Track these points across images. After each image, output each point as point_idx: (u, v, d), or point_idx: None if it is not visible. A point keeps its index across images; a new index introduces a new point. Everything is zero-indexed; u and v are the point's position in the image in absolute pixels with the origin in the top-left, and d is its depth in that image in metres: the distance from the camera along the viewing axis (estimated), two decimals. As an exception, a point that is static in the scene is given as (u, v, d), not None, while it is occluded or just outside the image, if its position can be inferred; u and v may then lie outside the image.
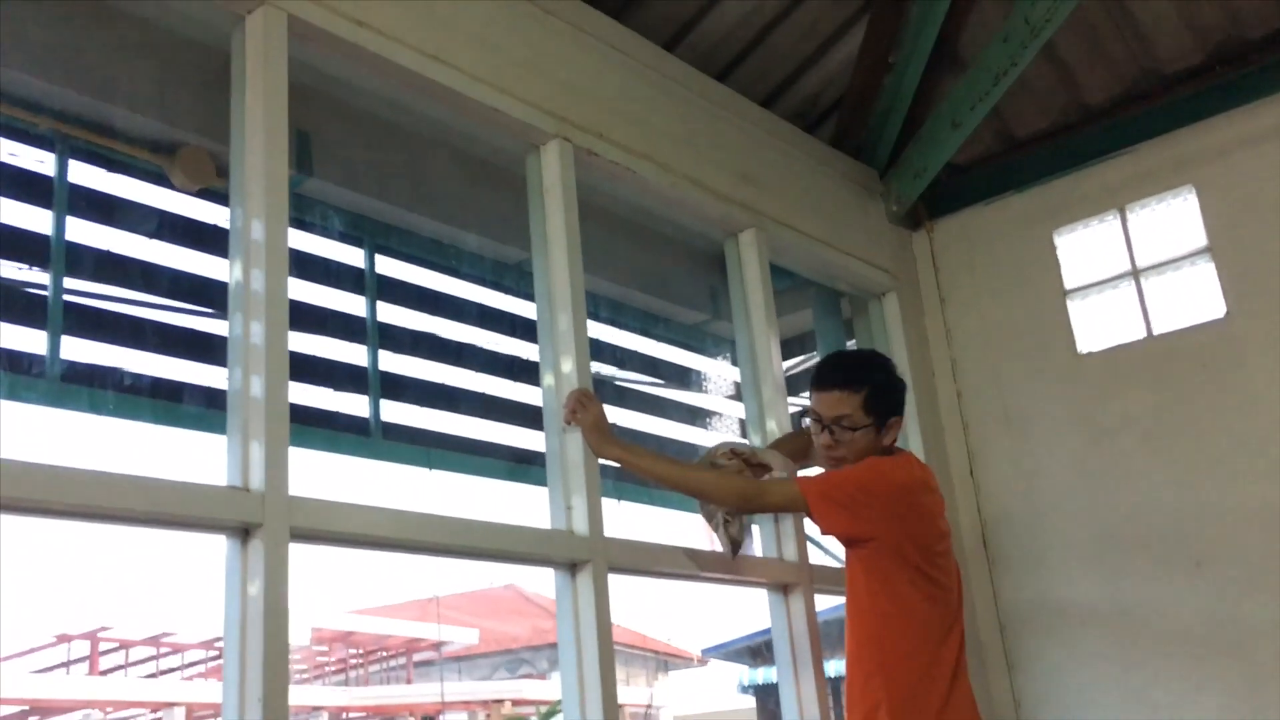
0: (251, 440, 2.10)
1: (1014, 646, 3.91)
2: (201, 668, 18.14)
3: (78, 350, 2.40)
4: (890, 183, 4.23)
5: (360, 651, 19.85)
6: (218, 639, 17.35)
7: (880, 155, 4.22)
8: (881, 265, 4.12)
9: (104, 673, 16.81)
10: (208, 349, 2.52)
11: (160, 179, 2.79)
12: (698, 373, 4.09)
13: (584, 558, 2.62)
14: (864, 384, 2.64)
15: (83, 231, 2.59)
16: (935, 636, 2.53)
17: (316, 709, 17.64)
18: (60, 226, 2.54)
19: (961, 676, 2.53)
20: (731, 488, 2.68)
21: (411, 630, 19.95)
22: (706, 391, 4.11)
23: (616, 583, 2.68)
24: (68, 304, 2.43)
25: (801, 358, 4.43)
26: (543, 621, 24.06)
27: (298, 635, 17.76)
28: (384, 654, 20.24)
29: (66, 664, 16.86)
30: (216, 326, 2.54)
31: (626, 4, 3.48)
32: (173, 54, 2.66)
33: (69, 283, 2.39)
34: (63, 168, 2.60)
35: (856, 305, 4.22)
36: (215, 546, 2.09)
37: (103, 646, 16.52)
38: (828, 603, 3.29)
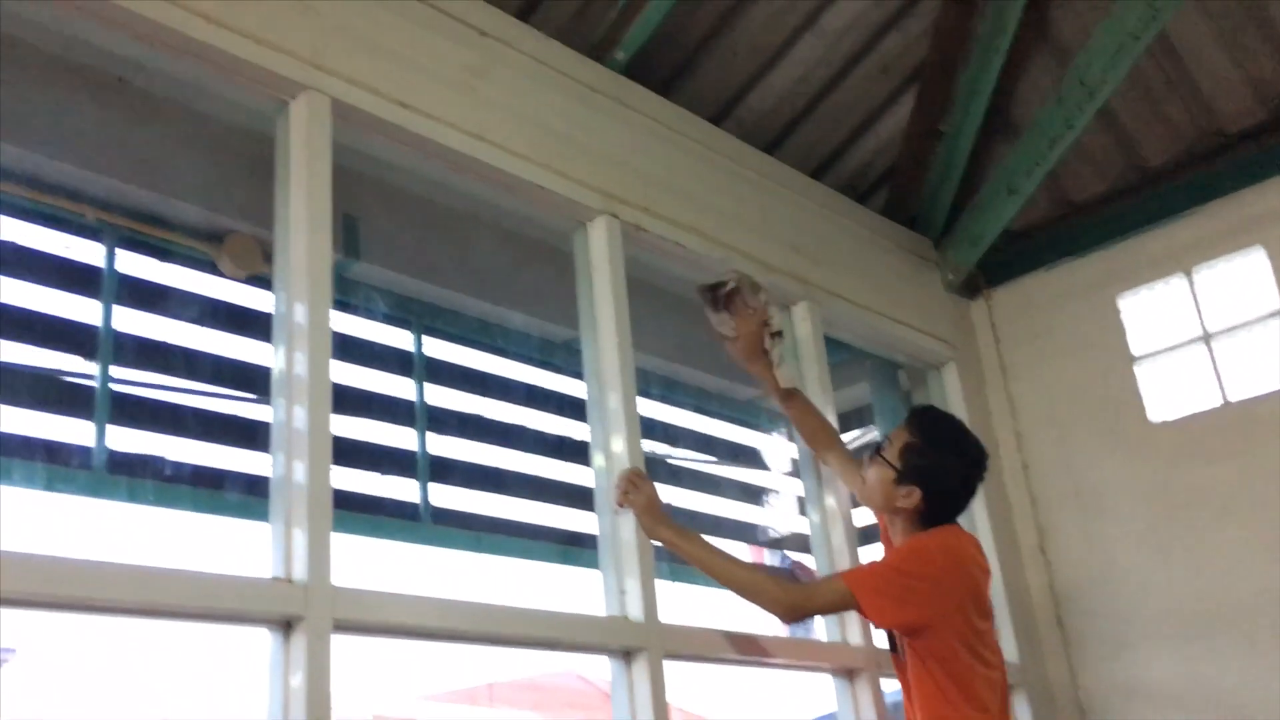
0: (294, 528, 2.05)
1: (1096, 733, 3.72)
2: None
3: (120, 440, 2.38)
4: (945, 251, 4.15)
5: (422, 740, 19.64)
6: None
7: (934, 224, 4.14)
8: (939, 335, 4.02)
9: (166, 763, 16.75)
10: (256, 436, 2.48)
11: (209, 267, 2.80)
12: (754, 449, 4.00)
13: (639, 645, 2.51)
14: (919, 434, 2.56)
15: (131, 321, 2.59)
16: (995, 709, 2.43)
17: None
18: (108, 316, 2.54)
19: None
20: (778, 594, 2.47)
21: (474, 716, 19.71)
22: (765, 468, 4.02)
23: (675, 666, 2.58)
24: (113, 393, 2.41)
25: (859, 431, 4.33)
26: (606, 708, 23.63)
27: (358, 723, 17.62)
28: (446, 742, 20.01)
29: (129, 755, 16.84)
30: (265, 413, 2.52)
31: (672, 79, 3.47)
32: (220, 142, 2.67)
33: (111, 371, 2.37)
34: (111, 258, 2.61)
35: (915, 377, 4.11)
36: (255, 639, 2.04)
37: (165, 737, 16.50)
38: (892, 685, 3.15)
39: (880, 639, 3.17)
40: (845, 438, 4.35)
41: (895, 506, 2.55)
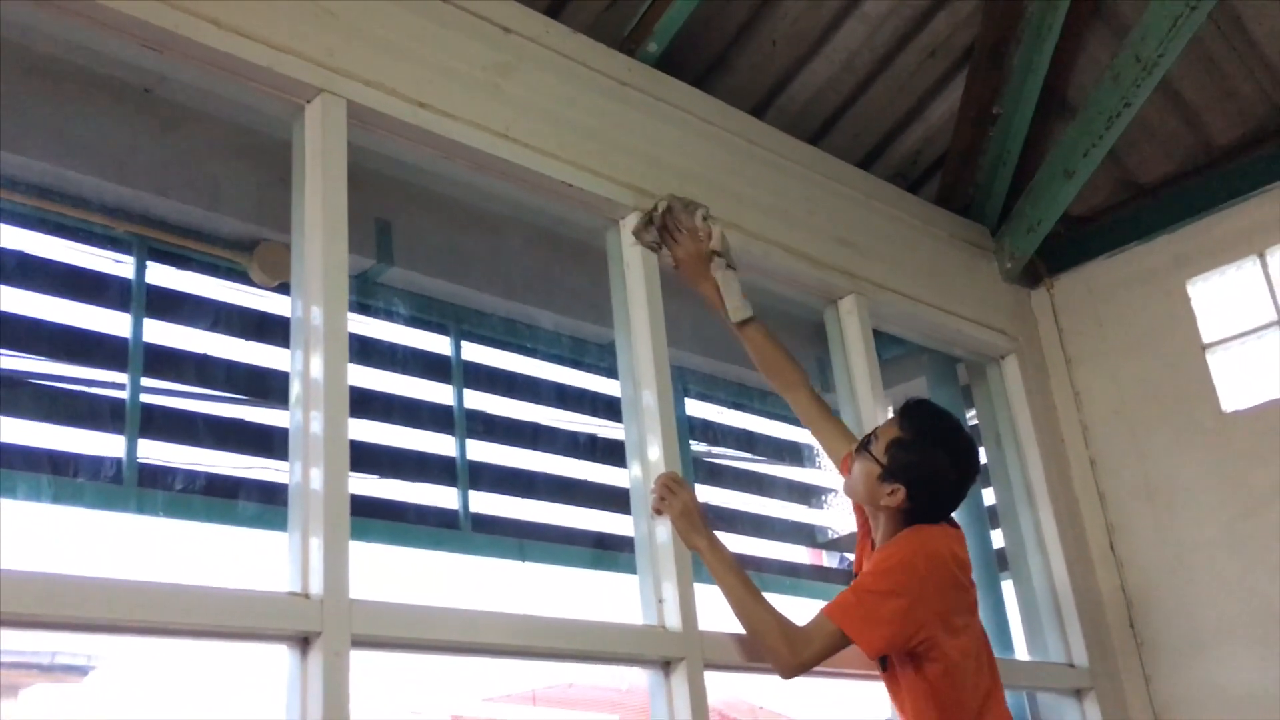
0: (311, 537, 2.00)
1: (1172, 739, 3.54)
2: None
3: (150, 452, 2.37)
4: (1003, 239, 4.00)
5: (500, 741, 19.75)
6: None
7: (990, 211, 3.99)
8: (998, 326, 3.87)
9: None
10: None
11: (241, 276, 2.78)
12: (806, 447, 3.90)
13: (678, 655, 2.42)
14: (907, 429, 2.42)
15: (163, 332, 2.58)
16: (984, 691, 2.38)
17: (460, 800, 17.53)
18: (137, 329, 2.53)
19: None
20: (782, 649, 2.30)
21: (553, 717, 19.75)
22: (819, 468, 3.92)
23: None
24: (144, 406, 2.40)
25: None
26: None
27: (438, 725, 17.76)
28: (523, 743, 20.10)
29: (215, 758, 17.15)
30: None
31: (708, 72, 3.38)
32: (248, 150, 2.65)
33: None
34: (140, 270, 2.60)
35: (974, 371, 3.97)
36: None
37: (249, 740, 16.77)
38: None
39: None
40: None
41: (879, 504, 2.43)
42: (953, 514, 2.51)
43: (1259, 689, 3.38)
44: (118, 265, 2.58)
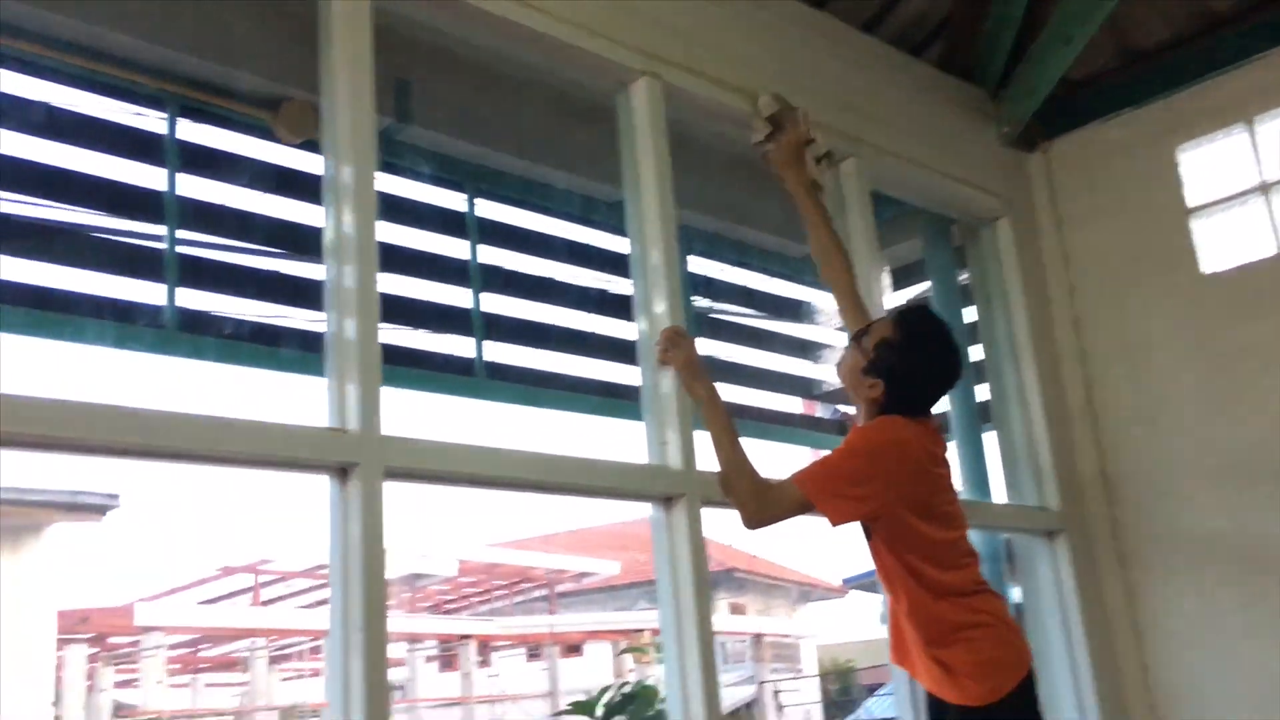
0: (347, 382, 2.19)
1: (1135, 578, 3.82)
2: (356, 598, 18.98)
3: (188, 300, 2.54)
4: (1001, 104, 4.10)
5: (505, 583, 20.46)
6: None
7: (991, 76, 4.08)
8: (993, 189, 4.01)
9: (266, 603, 17.76)
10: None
11: (265, 132, 2.90)
12: (806, 304, 4.07)
13: (678, 492, 2.66)
14: (898, 332, 2.57)
15: (194, 186, 2.72)
16: (955, 590, 2.52)
17: (464, 638, 18.30)
18: (172, 182, 2.67)
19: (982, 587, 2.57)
20: (749, 501, 2.47)
21: (554, 562, 20.48)
22: (817, 324, 4.10)
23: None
24: (180, 256, 2.56)
25: (911, 286, 4.37)
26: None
27: (445, 567, 18.42)
28: (527, 585, 20.82)
29: (231, 595, 17.84)
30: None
31: (717, -66, 3.43)
32: (272, 9, 2.75)
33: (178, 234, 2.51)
34: (172, 126, 2.72)
35: (967, 232, 4.12)
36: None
37: (264, 579, 17.43)
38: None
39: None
40: (898, 294, 4.41)
41: (859, 394, 2.61)
42: (929, 409, 2.65)
43: (1218, 530, 3.65)
44: (154, 121, 2.71)
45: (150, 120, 2.69)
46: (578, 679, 20.14)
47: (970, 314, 4.08)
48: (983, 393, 4.01)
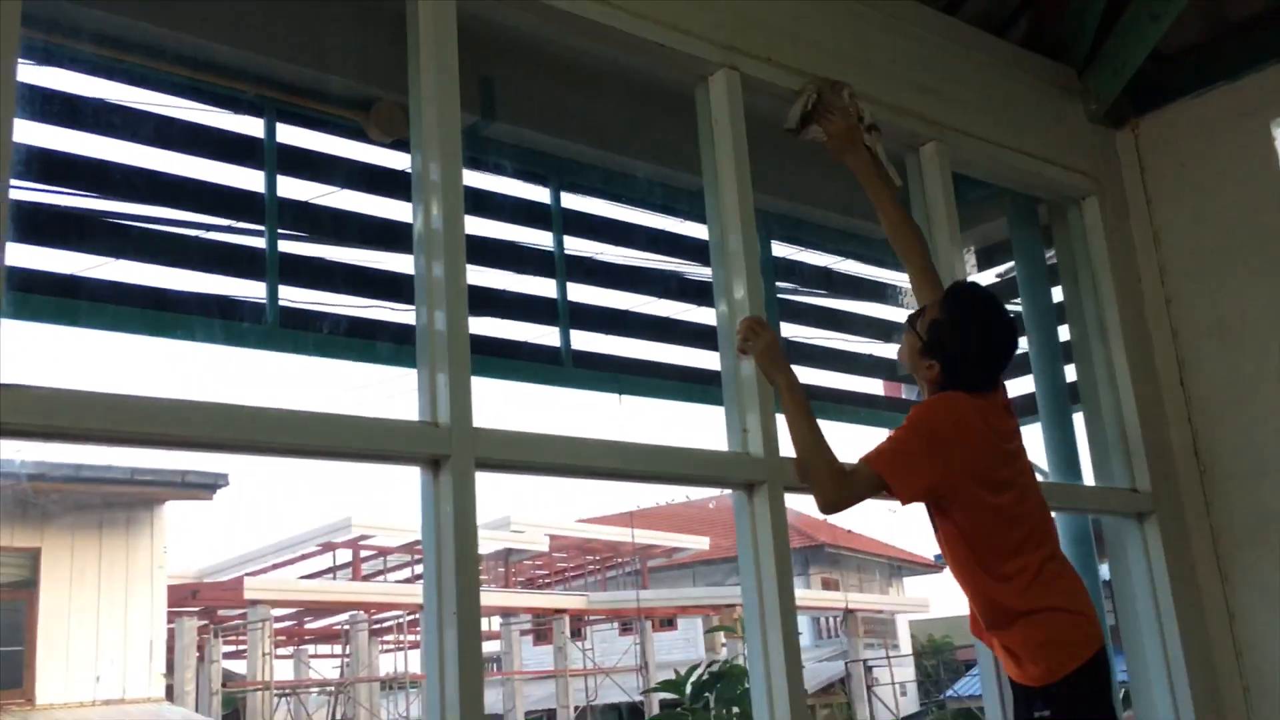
0: (438, 374, 2.28)
1: (1228, 559, 3.77)
2: (452, 573, 19.46)
3: (288, 297, 2.66)
4: (1088, 80, 4.04)
5: (596, 558, 20.72)
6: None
7: (1077, 52, 4.03)
8: (1080, 168, 3.97)
9: (366, 578, 18.26)
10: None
11: (359, 134, 3.01)
12: (887, 286, 4.09)
13: (760, 479, 2.71)
14: (947, 311, 2.62)
15: (293, 188, 2.85)
16: (1019, 571, 2.56)
17: (559, 612, 18.61)
18: (272, 184, 2.80)
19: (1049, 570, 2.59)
20: (827, 487, 2.53)
21: (645, 538, 20.68)
22: (901, 305, 4.11)
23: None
24: (281, 255, 2.68)
25: (1000, 267, 4.35)
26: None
27: (538, 543, 18.73)
28: (619, 560, 21.05)
29: (333, 570, 18.36)
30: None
31: (794, -78, 3.44)
32: (361, 14, 2.85)
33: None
34: (271, 130, 2.85)
35: (1054, 211, 4.08)
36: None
37: (363, 554, 17.90)
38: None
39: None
40: (985, 274, 4.40)
41: (919, 375, 2.66)
42: (990, 384, 2.69)
43: (1313, 515, 3.59)
44: (254, 126, 2.84)
45: (251, 125, 2.82)
46: (670, 653, 20.35)
47: (1057, 294, 4.05)
48: (1071, 374, 3.98)
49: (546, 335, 3.18)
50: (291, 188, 2.83)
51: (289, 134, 2.88)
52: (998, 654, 2.71)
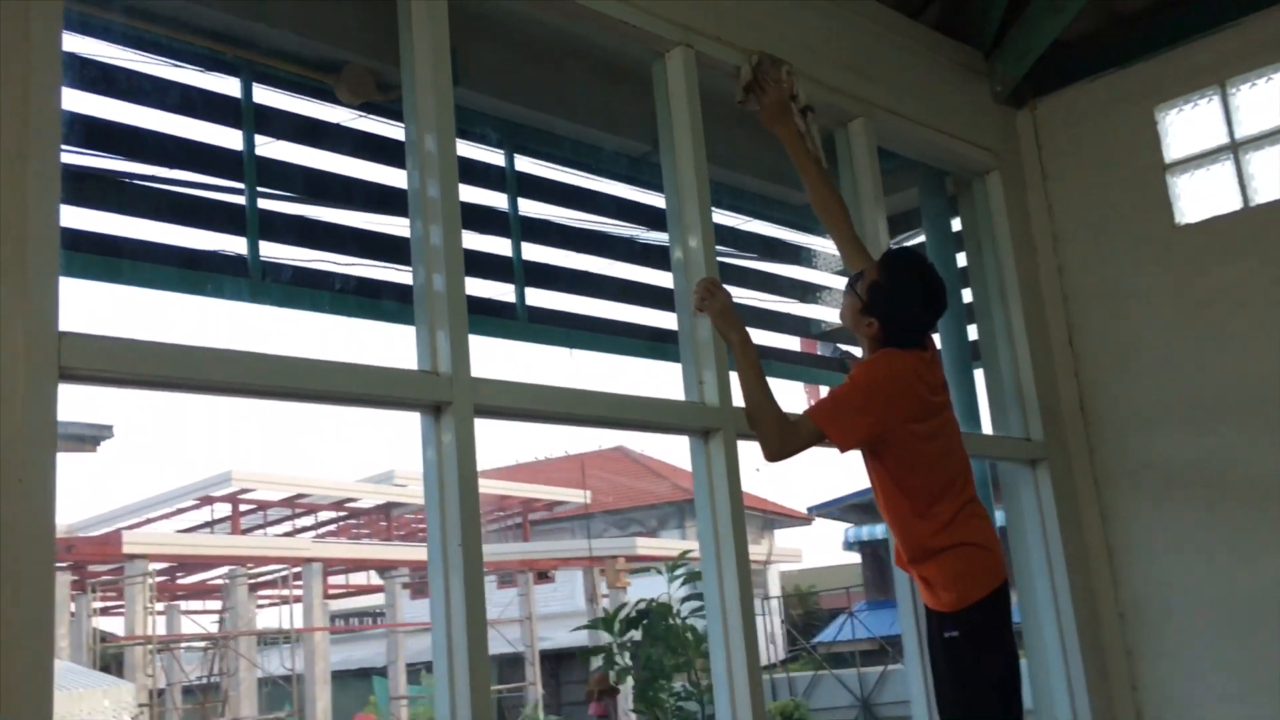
0: (438, 330, 2.47)
1: (1109, 502, 4.20)
2: (333, 526, 19.35)
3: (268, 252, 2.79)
4: (995, 64, 4.38)
5: (481, 511, 20.83)
6: (348, 500, 18.47)
7: (985, 37, 4.36)
8: (985, 145, 4.31)
9: (245, 531, 18.04)
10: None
11: (329, 95, 3.13)
12: (811, 251, 4.37)
13: (715, 426, 2.97)
14: (884, 274, 2.91)
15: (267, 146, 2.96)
16: (942, 511, 2.88)
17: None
18: (249, 142, 2.91)
19: (966, 511, 2.90)
20: (773, 439, 2.80)
21: (526, 491, 20.88)
22: (817, 268, 4.40)
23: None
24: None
25: (907, 234, 4.68)
26: (649, 482, 24.88)
27: (420, 497, 18.78)
28: (501, 514, 21.22)
29: (210, 524, 18.06)
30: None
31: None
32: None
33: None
34: (247, 90, 2.95)
35: (961, 183, 4.42)
36: (347, 417, 2.48)
37: (243, 508, 17.67)
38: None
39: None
40: (896, 240, 4.71)
41: (860, 332, 2.96)
42: (923, 339, 3.00)
43: (1187, 459, 4.04)
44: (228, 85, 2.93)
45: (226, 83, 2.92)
46: (548, 605, 20.67)
47: (962, 259, 4.40)
48: (973, 332, 4.35)
49: (503, 292, 3.36)
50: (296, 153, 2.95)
51: (264, 95, 2.99)
52: (916, 583, 3.05)
